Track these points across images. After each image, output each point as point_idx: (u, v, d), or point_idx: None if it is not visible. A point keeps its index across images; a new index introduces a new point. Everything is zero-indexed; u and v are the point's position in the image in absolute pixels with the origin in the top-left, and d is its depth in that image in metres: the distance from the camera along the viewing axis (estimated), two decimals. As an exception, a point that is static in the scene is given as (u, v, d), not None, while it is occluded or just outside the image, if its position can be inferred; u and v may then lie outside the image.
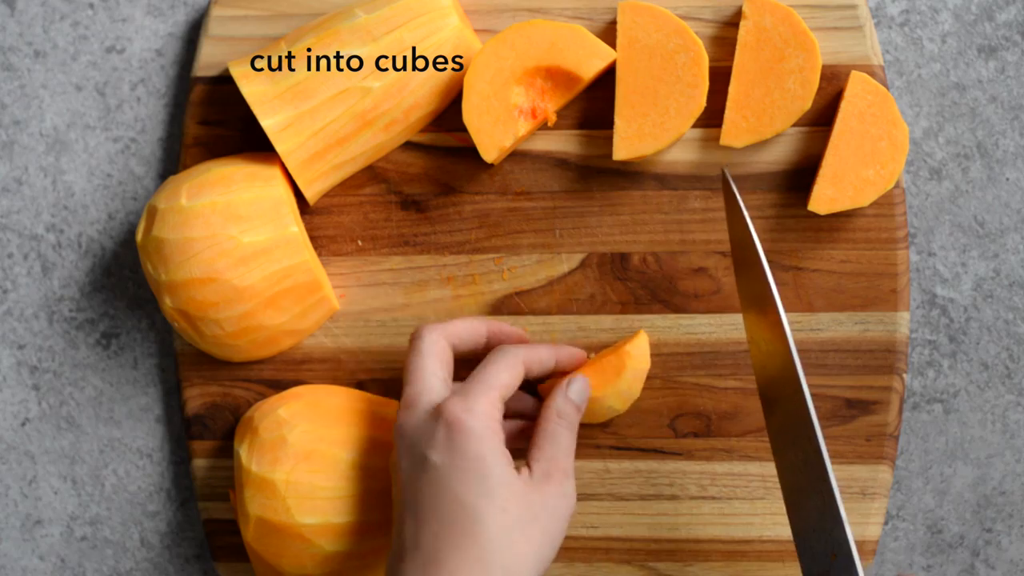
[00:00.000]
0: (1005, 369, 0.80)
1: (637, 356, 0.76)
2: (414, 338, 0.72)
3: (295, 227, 0.75)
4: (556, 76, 0.75)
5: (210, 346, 0.77)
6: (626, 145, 0.75)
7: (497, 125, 0.75)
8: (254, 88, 0.74)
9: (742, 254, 0.72)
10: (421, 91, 0.76)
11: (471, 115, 0.75)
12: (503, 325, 0.76)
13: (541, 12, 0.78)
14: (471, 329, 0.74)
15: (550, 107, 0.76)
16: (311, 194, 0.77)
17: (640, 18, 0.75)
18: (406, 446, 0.68)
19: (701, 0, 0.77)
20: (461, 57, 0.76)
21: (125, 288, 0.82)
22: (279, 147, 0.74)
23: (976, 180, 0.79)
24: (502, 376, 0.70)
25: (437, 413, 0.68)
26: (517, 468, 0.68)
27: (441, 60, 0.75)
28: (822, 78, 0.76)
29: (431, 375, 0.71)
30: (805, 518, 0.68)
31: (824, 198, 0.75)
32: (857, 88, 0.74)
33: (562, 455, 0.70)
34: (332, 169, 0.77)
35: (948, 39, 0.79)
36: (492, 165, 0.78)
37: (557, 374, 0.76)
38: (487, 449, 0.66)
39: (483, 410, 0.68)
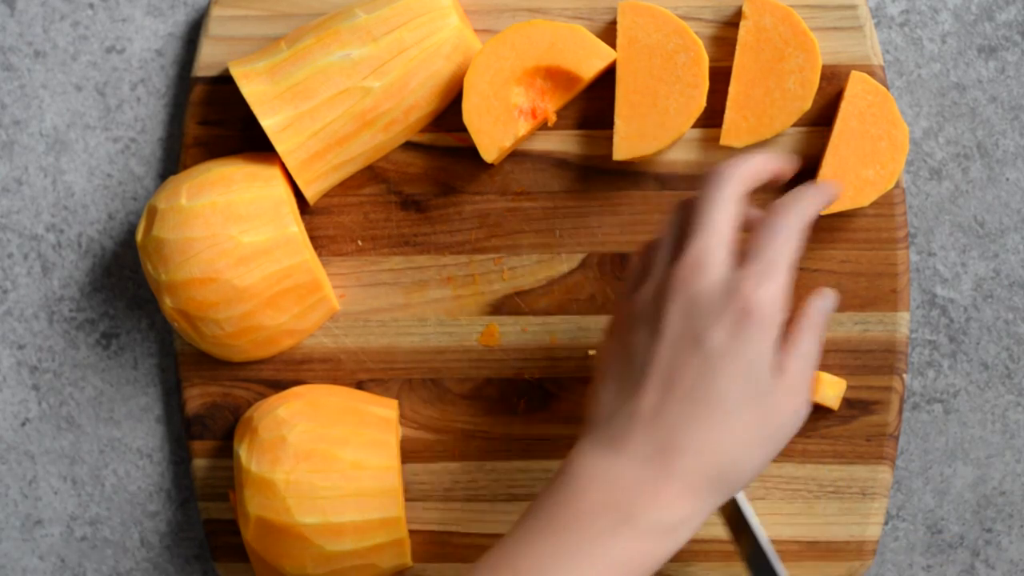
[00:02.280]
0: (1005, 369, 0.80)
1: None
2: (711, 182, 0.65)
3: (295, 227, 0.75)
4: (556, 76, 0.75)
5: (210, 346, 0.77)
6: (626, 145, 0.75)
7: (497, 125, 0.75)
8: (254, 88, 0.74)
9: None
10: (421, 91, 0.76)
11: (471, 115, 0.75)
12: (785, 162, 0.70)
13: (541, 12, 0.78)
14: (768, 172, 0.68)
15: (550, 107, 0.76)
16: (311, 194, 0.77)
17: (640, 18, 0.75)
18: (683, 309, 0.63)
19: (701, 0, 0.77)
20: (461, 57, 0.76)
21: (125, 288, 0.82)
22: (279, 147, 0.74)
23: (976, 180, 0.79)
24: (793, 250, 0.64)
25: (731, 291, 0.62)
26: None
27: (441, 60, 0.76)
28: (822, 78, 0.76)
29: (723, 232, 0.64)
30: None
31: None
32: (857, 88, 0.74)
33: (811, 370, 0.65)
34: (332, 169, 0.77)
35: (948, 39, 0.79)
36: (492, 165, 0.78)
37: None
38: (767, 349, 0.62)
39: (779, 299, 0.62)
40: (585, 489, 0.62)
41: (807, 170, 0.77)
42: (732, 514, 0.73)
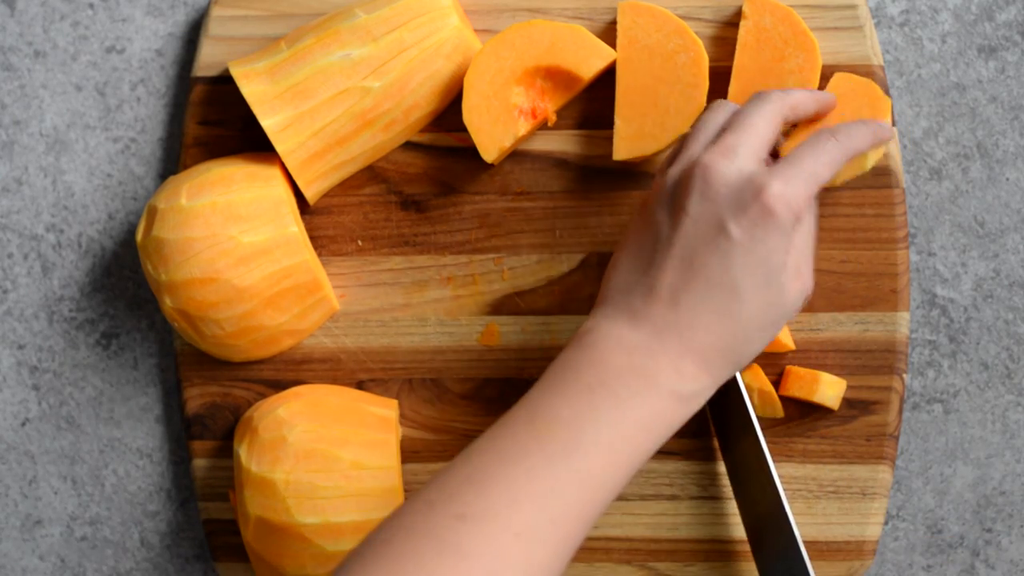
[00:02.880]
0: (1005, 369, 0.80)
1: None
2: (758, 96, 0.68)
3: (295, 227, 0.75)
4: (556, 76, 0.75)
5: (210, 346, 0.77)
6: (626, 145, 0.75)
7: (497, 125, 0.75)
8: (254, 88, 0.74)
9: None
10: (421, 91, 0.76)
11: (471, 115, 0.75)
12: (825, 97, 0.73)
13: (541, 12, 0.78)
14: (811, 108, 0.71)
15: (550, 107, 0.76)
16: (311, 194, 0.77)
17: (640, 18, 0.75)
18: (710, 195, 0.65)
19: (701, 0, 0.77)
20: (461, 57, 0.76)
21: (125, 288, 0.82)
22: (279, 147, 0.74)
23: (976, 180, 0.79)
24: (827, 173, 0.66)
25: (758, 188, 0.64)
26: None
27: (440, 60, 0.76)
28: (822, 78, 0.76)
29: (760, 136, 0.66)
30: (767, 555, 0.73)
31: None
32: (842, 82, 0.74)
33: (812, 245, 0.68)
34: (332, 169, 0.77)
35: (948, 39, 0.79)
36: (492, 165, 0.78)
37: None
38: (783, 247, 0.65)
39: (800, 204, 0.65)
40: (610, 353, 0.65)
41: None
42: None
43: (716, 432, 0.77)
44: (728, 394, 0.75)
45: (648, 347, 0.64)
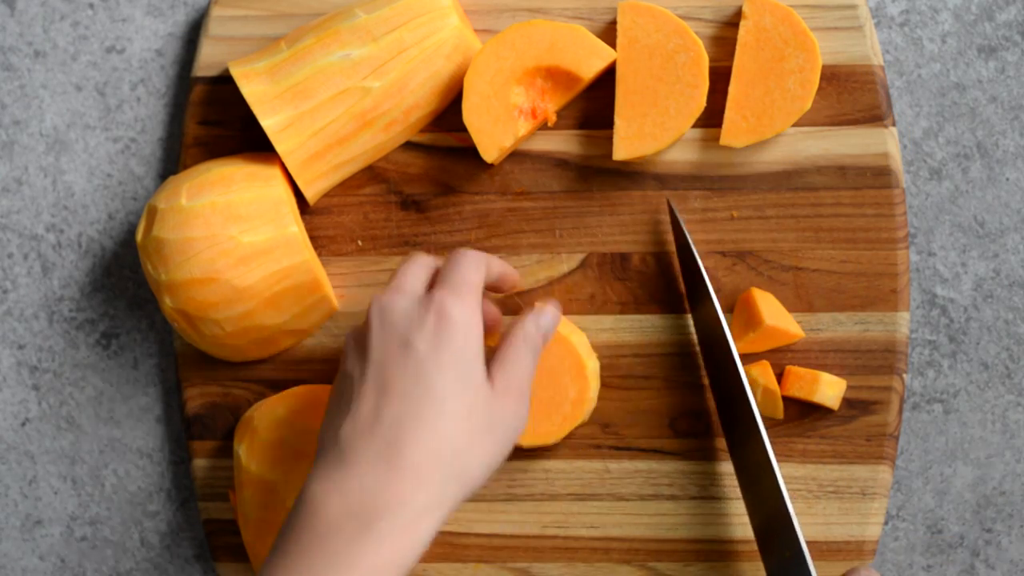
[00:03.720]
0: (1005, 369, 0.80)
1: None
2: (411, 256, 0.72)
3: (295, 227, 0.75)
4: (556, 76, 0.75)
5: (210, 346, 0.77)
6: (626, 145, 0.75)
7: (497, 125, 0.75)
8: (254, 88, 0.74)
9: (693, 286, 0.76)
10: (421, 91, 0.76)
11: (471, 115, 0.75)
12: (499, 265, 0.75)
13: (541, 12, 0.78)
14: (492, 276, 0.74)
15: (550, 107, 0.76)
16: (311, 194, 0.77)
17: (640, 18, 0.75)
18: (388, 324, 0.67)
19: (701, 0, 0.77)
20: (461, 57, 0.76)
21: (125, 288, 0.82)
22: (279, 147, 0.74)
23: (976, 180, 0.79)
24: (478, 276, 0.70)
25: (428, 301, 0.67)
26: None
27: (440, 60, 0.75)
28: (822, 78, 0.76)
29: (420, 272, 0.70)
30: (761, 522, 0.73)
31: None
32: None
33: (523, 375, 0.70)
34: (332, 169, 0.77)
35: (948, 39, 0.79)
36: (492, 165, 0.78)
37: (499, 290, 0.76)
38: (472, 346, 0.67)
39: (471, 305, 0.68)
40: (322, 506, 0.64)
41: (808, 170, 0.77)
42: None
43: (724, 431, 0.77)
44: (734, 393, 0.75)
45: (361, 483, 0.64)
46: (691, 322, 0.78)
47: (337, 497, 0.64)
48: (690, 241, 0.76)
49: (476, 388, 0.67)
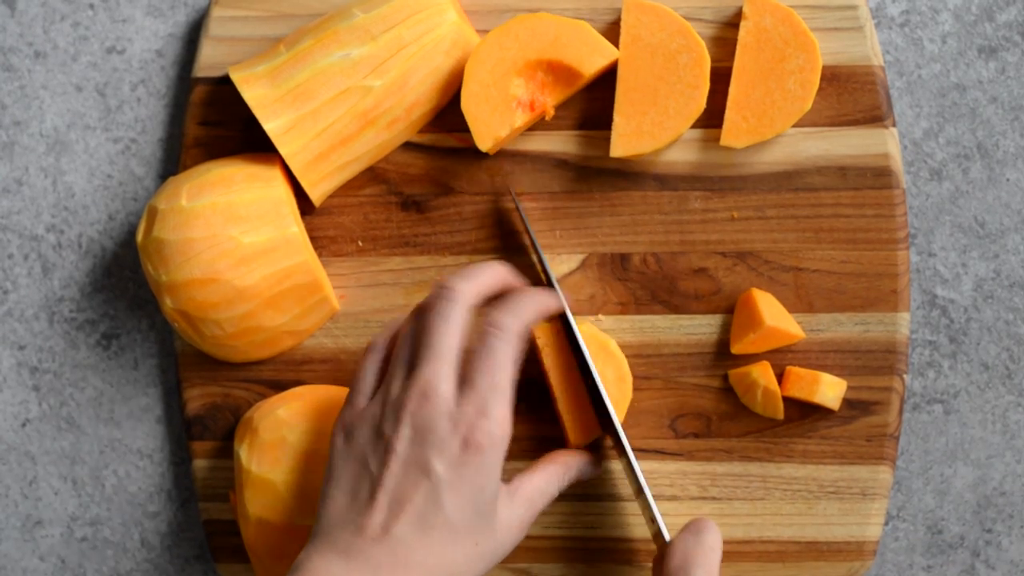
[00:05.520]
0: (1005, 369, 0.80)
1: None
2: (441, 297, 0.69)
3: (295, 228, 0.75)
4: (557, 70, 0.75)
5: (210, 347, 0.77)
6: (624, 142, 0.75)
7: (495, 115, 0.75)
8: (255, 92, 0.74)
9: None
10: (422, 88, 0.76)
11: (469, 103, 0.75)
12: (513, 277, 0.74)
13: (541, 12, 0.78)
14: (497, 285, 0.72)
15: (549, 101, 0.76)
16: (316, 195, 0.77)
17: (644, 16, 0.75)
18: (411, 437, 0.66)
19: (702, 0, 0.77)
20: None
21: (125, 288, 0.82)
22: (283, 150, 0.74)
23: (976, 180, 0.79)
24: (511, 372, 0.68)
25: (455, 423, 0.66)
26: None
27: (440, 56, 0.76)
28: (822, 78, 0.76)
29: (450, 359, 0.67)
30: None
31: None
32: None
33: (541, 504, 0.71)
34: (336, 170, 0.77)
35: (948, 39, 0.79)
36: (492, 166, 0.78)
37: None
38: (493, 479, 0.66)
39: (502, 429, 0.66)
40: None
41: (808, 170, 0.77)
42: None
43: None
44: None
45: None
46: (691, 322, 0.78)
47: None
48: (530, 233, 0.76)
49: (488, 518, 0.67)
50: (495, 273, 0.72)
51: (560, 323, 0.76)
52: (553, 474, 0.72)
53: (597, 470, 0.76)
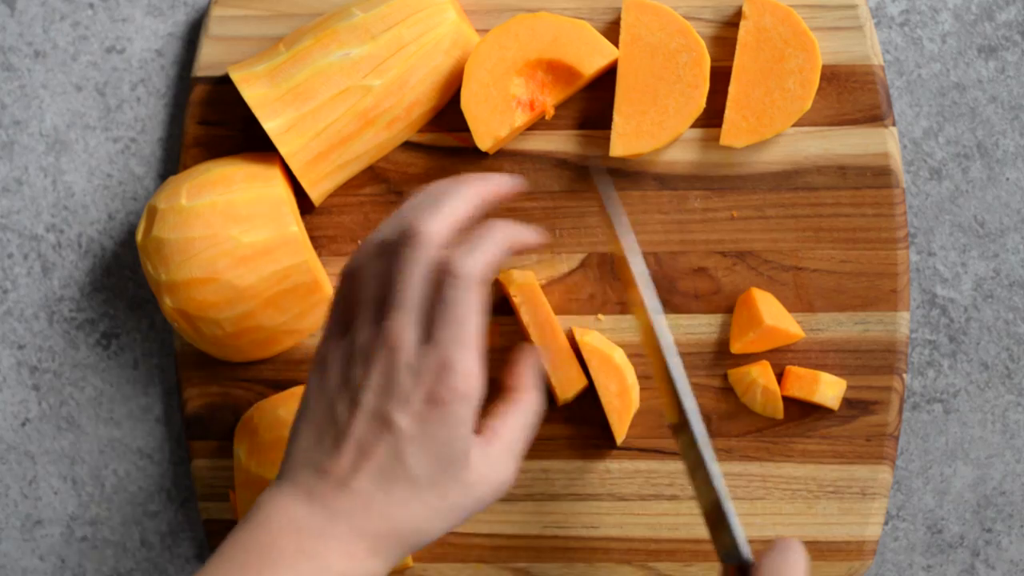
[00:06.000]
0: (1005, 369, 0.80)
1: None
2: (407, 243, 0.64)
3: (295, 227, 0.75)
4: (557, 70, 0.75)
5: (210, 346, 0.77)
6: (623, 142, 0.75)
7: (494, 114, 0.75)
8: (255, 92, 0.74)
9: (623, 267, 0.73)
10: (422, 87, 0.76)
11: (469, 102, 0.75)
12: (489, 183, 0.69)
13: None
14: (469, 214, 0.67)
15: (549, 100, 0.76)
16: (316, 195, 0.77)
17: (644, 16, 0.75)
18: (376, 386, 0.64)
19: (702, 0, 0.77)
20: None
21: (125, 288, 0.82)
22: (283, 149, 0.74)
23: (976, 180, 0.79)
24: (476, 324, 0.64)
25: (419, 377, 0.63)
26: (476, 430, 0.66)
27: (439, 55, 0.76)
28: (822, 78, 0.76)
29: (415, 308, 0.64)
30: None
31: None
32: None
33: (520, 444, 0.68)
34: (336, 169, 0.77)
35: (948, 39, 0.79)
36: (492, 165, 0.78)
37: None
38: (459, 437, 0.64)
39: (469, 386, 0.63)
40: (280, 534, 0.63)
41: (808, 170, 0.77)
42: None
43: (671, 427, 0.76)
44: (672, 378, 0.71)
45: (320, 529, 0.63)
46: (691, 322, 0.78)
47: (292, 534, 0.63)
48: (623, 228, 0.73)
49: (457, 472, 0.64)
50: (466, 200, 0.66)
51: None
52: (521, 413, 0.68)
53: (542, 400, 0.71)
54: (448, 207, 0.65)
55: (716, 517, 0.68)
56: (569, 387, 0.76)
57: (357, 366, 0.65)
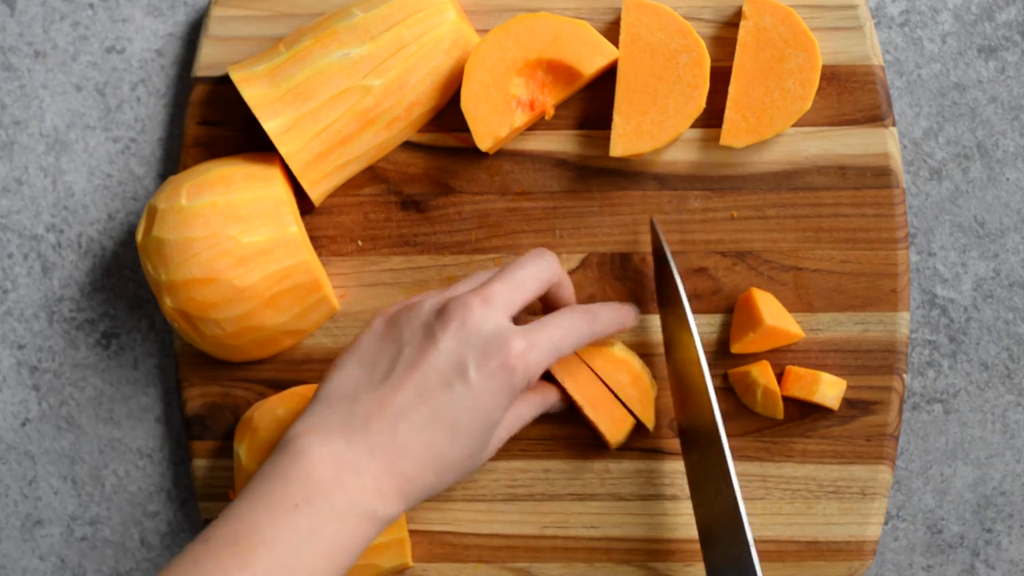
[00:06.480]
0: (1005, 369, 0.80)
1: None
2: (536, 254, 0.71)
3: (295, 227, 0.75)
4: (557, 70, 0.75)
5: (210, 346, 0.77)
6: (623, 142, 0.75)
7: (494, 114, 0.75)
8: (255, 92, 0.74)
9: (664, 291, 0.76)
10: (421, 87, 0.76)
11: (469, 102, 0.75)
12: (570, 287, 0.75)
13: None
14: (571, 293, 0.74)
15: (549, 100, 0.76)
16: (316, 195, 0.77)
17: (644, 16, 0.75)
18: (461, 337, 0.67)
19: (702, 0, 0.77)
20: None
21: (125, 288, 0.82)
22: (282, 149, 0.74)
23: (976, 180, 0.79)
24: (569, 347, 0.69)
25: (505, 342, 0.67)
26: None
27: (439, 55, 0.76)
28: (822, 78, 0.76)
29: (524, 292, 0.69)
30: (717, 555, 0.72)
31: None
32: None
33: (516, 429, 0.72)
34: (336, 169, 0.77)
35: (948, 39, 0.79)
36: (492, 165, 0.78)
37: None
38: (507, 404, 0.67)
39: (537, 370, 0.67)
40: (318, 465, 0.65)
41: (808, 170, 0.77)
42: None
43: (679, 431, 0.77)
44: (694, 396, 0.74)
45: (356, 464, 0.65)
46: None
47: (331, 467, 0.65)
48: (669, 256, 0.76)
49: (486, 438, 0.68)
50: (566, 284, 0.74)
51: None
52: (531, 401, 0.73)
53: (564, 406, 0.76)
54: (558, 267, 0.73)
55: (727, 534, 0.71)
56: (618, 430, 0.76)
57: (442, 314, 0.68)
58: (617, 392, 0.76)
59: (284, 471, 0.65)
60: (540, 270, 0.70)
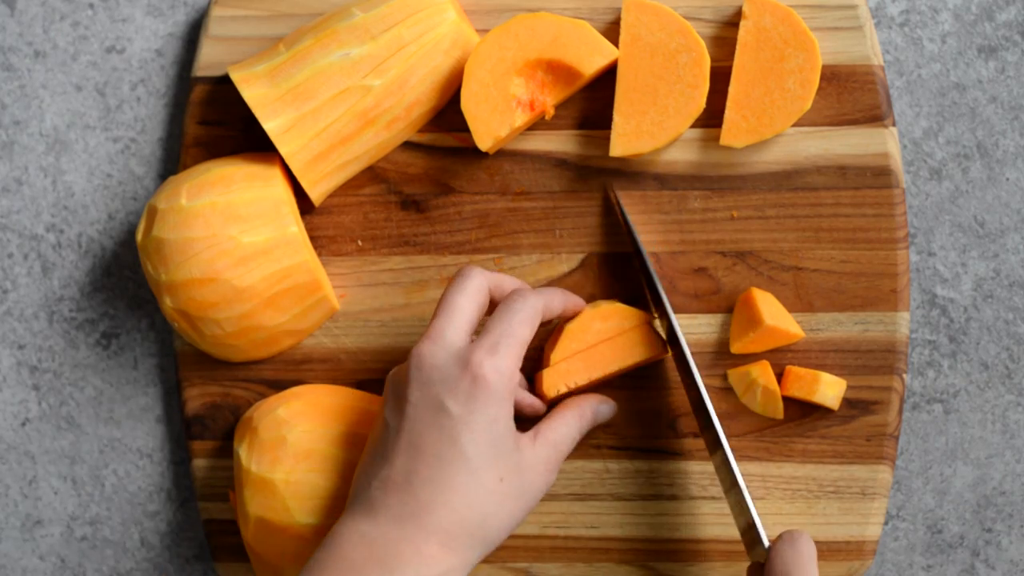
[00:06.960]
0: (1005, 369, 0.80)
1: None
2: (459, 275, 0.71)
3: (295, 227, 0.75)
4: (557, 70, 0.75)
5: (210, 346, 0.77)
6: (623, 142, 0.75)
7: (494, 114, 0.75)
8: (255, 92, 0.74)
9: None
10: (421, 87, 0.76)
11: (469, 102, 0.75)
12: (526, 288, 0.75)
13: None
14: (512, 284, 0.74)
15: (549, 100, 0.76)
16: (316, 195, 0.77)
17: (644, 16, 0.75)
18: (423, 380, 0.68)
19: (702, 0, 0.77)
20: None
21: (125, 288, 0.82)
22: (282, 149, 0.74)
23: (976, 180, 0.79)
24: (525, 330, 0.70)
25: (464, 362, 0.68)
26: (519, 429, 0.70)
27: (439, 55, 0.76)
28: (822, 78, 0.76)
29: (464, 314, 0.70)
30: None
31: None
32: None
33: (563, 450, 0.72)
34: (336, 169, 0.77)
35: (948, 39, 0.79)
36: (492, 165, 0.78)
37: (558, 321, 0.76)
38: (504, 414, 0.68)
39: (509, 369, 0.68)
40: (351, 548, 0.66)
41: (808, 170, 0.77)
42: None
43: (701, 433, 0.77)
44: (697, 399, 0.74)
45: (387, 537, 0.66)
46: (691, 322, 0.78)
47: (364, 545, 0.66)
48: (639, 243, 0.76)
49: (509, 454, 0.68)
50: (514, 281, 0.74)
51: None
52: (571, 417, 0.73)
53: (613, 410, 0.77)
54: (497, 277, 0.73)
55: (736, 504, 0.73)
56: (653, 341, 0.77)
57: (406, 374, 0.69)
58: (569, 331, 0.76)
59: (321, 562, 0.66)
60: (470, 288, 0.71)
